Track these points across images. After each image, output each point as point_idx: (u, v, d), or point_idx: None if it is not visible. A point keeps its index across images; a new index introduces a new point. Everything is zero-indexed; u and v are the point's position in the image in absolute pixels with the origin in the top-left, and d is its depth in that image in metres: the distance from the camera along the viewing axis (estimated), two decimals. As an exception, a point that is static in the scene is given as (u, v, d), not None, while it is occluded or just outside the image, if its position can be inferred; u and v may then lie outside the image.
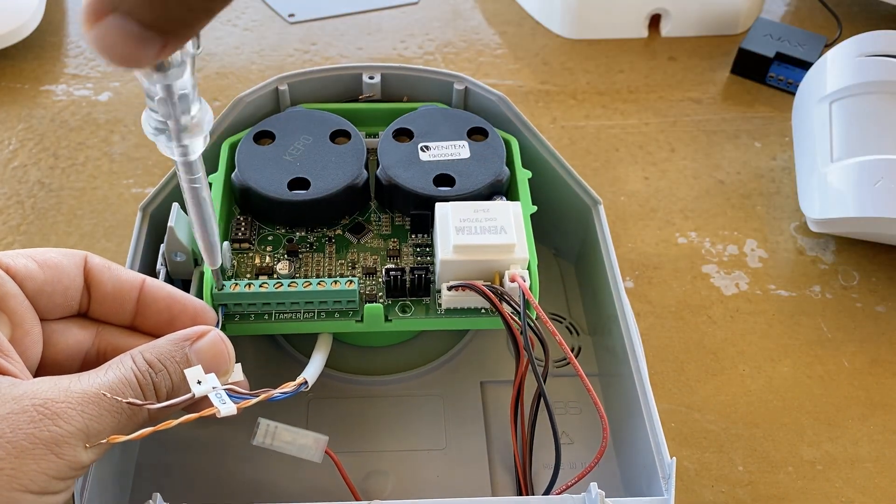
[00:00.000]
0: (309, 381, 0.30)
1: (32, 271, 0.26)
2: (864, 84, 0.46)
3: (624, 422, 0.34)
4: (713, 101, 0.55)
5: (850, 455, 0.37)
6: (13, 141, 0.49)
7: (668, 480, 0.29)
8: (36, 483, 0.22)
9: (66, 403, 0.23)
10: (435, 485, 0.34)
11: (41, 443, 0.22)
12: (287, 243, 0.35)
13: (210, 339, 0.26)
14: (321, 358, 0.32)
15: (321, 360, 0.32)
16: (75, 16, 0.58)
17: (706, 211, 0.48)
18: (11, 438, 0.22)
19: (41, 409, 0.22)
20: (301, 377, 0.30)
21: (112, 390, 0.24)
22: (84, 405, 0.23)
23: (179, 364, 0.25)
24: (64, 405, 0.23)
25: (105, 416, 0.23)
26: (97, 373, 0.24)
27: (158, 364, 0.25)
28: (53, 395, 0.23)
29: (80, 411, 0.23)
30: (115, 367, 0.25)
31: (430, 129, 0.37)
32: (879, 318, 0.43)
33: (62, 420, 0.22)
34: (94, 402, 0.23)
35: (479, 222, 0.31)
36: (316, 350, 0.33)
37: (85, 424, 0.23)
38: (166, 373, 0.25)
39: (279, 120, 0.37)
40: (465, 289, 0.31)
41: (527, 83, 0.55)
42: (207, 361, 0.26)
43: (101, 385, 0.24)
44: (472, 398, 0.37)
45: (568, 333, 0.40)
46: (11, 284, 0.25)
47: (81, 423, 0.23)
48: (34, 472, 0.22)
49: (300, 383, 0.29)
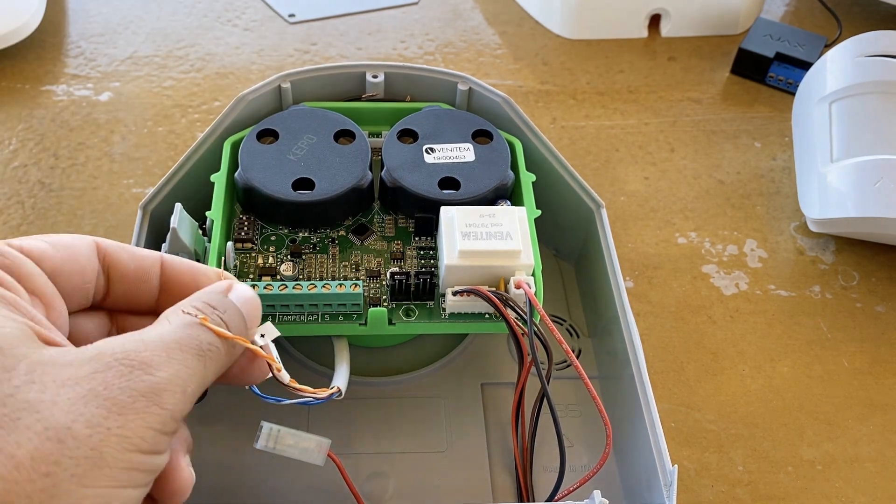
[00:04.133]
0: (342, 388, 0.31)
1: (46, 251, 0.24)
2: (864, 84, 0.46)
3: (624, 426, 0.34)
4: (713, 101, 0.55)
5: (850, 455, 0.37)
6: (13, 141, 0.49)
7: (669, 488, 0.29)
8: (145, 440, 0.20)
9: (149, 352, 0.21)
10: (436, 487, 0.34)
11: (140, 394, 0.20)
12: (290, 244, 0.35)
13: (244, 288, 0.26)
14: (345, 364, 0.33)
15: (346, 366, 0.33)
16: (75, 16, 0.58)
17: (706, 211, 0.48)
18: (108, 395, 0.20)
19: (127, 362, 0.21)
20: (334, 385, 0.30)
21: (184, 334, 0.22)
22: (169, 350, 0.22)
23: (230, 309, 0.25)
24: (148, 354, 0.21)
25: (190, 360, 0.22)
26: (160, 324, 0.23)
27: (219, 307, 0.24)
28: (133, 346, 0.21)
29: (166, 357, 0.21)
30: (175, 316, 0.23)
31: (435, 131, 0.37)
32: (879, 318, 0.43)
33: (153, 368, 0.21)
34: (176, 347, 0.22)
35: (485, 227, 0.31)
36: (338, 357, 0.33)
37: (176, 369, 0.21)
38: (229, 313, 0.24)
39: (282, 118, 0.37)
40: (470, 294, 0.31)
41: (527, 83, 0.55)
42: (247, 311, 0.25)
43: (174, 331, 0.22)
44: (472, 400, 0.37)
45: (568, 336, 0.40)
46: (31, 265, 0.23)
47: (174, 368, 0.21)
48: (142, 427, 0.20)
49: (334, 391, 0.30)
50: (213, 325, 0.23)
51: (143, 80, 0.54)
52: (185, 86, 0.53)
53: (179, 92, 0.53)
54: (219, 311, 0.24)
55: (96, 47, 0.56)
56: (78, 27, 0.57)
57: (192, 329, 0.23)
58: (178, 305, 0.24)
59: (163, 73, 0.54)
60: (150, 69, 0.54)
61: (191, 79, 0.54)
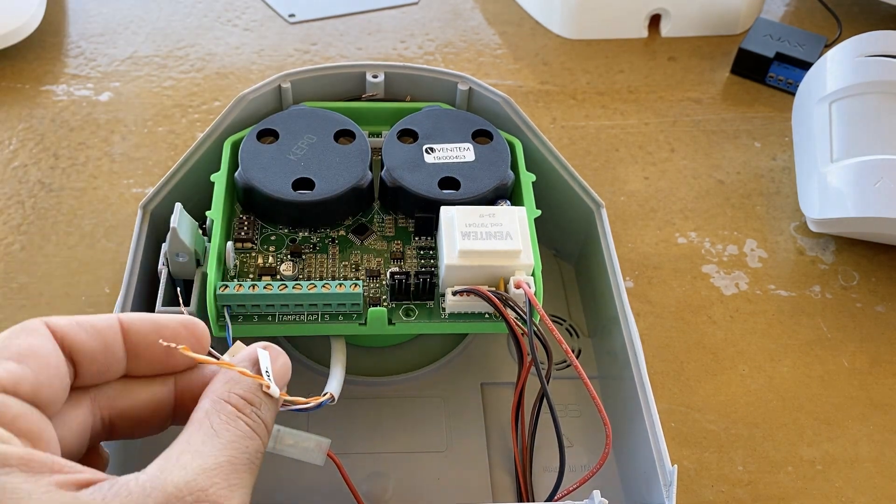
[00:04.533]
0: (335, 394, 0.30)
1: (18, 376, 0.21)
2: (864, 84, 0.46)
3: (624, 426, 0.34)
4: (713, 101, 0.55)
5: (849, 455, 0.37)
6: (13, 141, 0.49)
7: (669, 488, 0.29)
8: None
9: (214, 487, 0.21)
10: (435, 487, 0.34)
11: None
12: (290, 244, 0.35)
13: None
14: (340, 368, 0.32)
15: (341, 370, 0.32)
16: (75, 16, 0.58)
17: (706, 211, 0.48)
18: None
19: (192, 499, 0.20)
20: (326, 392, 0.30)
21: (236, 450, 0.22)
22: (229, 478, 0.21)
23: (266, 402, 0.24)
24: (214, 490, 0.21)
25: (247, 479, 0.22)
26: (208, 440, 0.22)
27: (255, 399, 0.24)
28: (193, 477, 0.21)
29: (227, 487, 0.21)
30: (223, 427, 0.22)
31: (435, 131, 0.37)
32: (879, 318, 0.43)
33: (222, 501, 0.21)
34: (233, 470, 0.21)
35: (485, 227, 0.31)
36: (333, 361, 0.33)
37: (241, 495, 0.21)
38: (264, 407, 0.24)
39: (282, 118, 0.37)
40: (470, 294, 0.31)
41: (527, 83, 0.55)
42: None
43: (228, 451, 0.22)
44: (472, 400, 0.37)
45: (568, 335, 0.40)
46: (12, 401, 0.21)
47: (238, 498, 0.21)
48: None
49: (326, 398, 0.29)
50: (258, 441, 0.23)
51: (143, 80, 0.54)
52: (185, 86, 0.53)
53: (179, 92, 0.53)
54: (258, 408, 0.24)
55: (96, 47, 0.56)
56: (78, 27, 0.57)
57: (244, 442, 0.22)
58: (217, 401, 0.23)
59: (163, 73, 0.54)
60: (150, 69, 0.54)
61: (191, 79, 0.54)
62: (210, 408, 0.23)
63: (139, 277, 0.35)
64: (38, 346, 0.22)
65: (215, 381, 0.24)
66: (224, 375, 0.24)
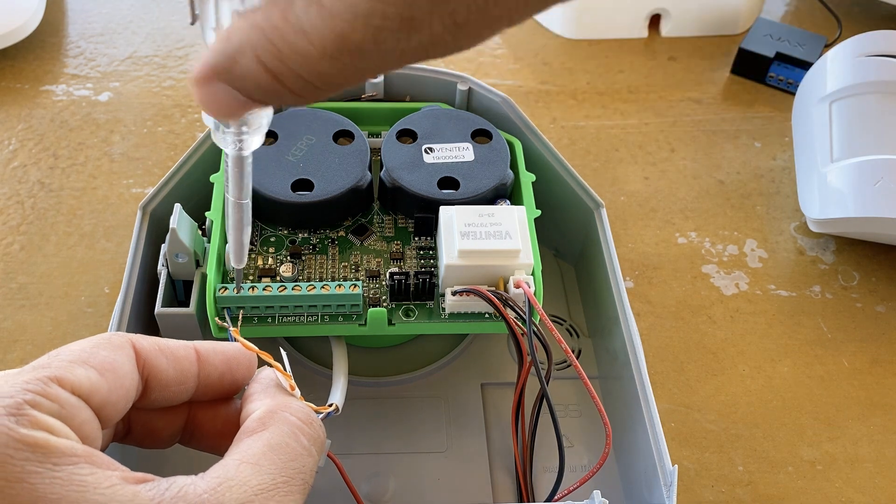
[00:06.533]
0: (339, 405, 0.30)
1: (95, 385, 0.22)
2: (864, 84, 0.46)
3: (624, 426, 0.34)
4: (713, 101, 0.55)
5: (850, 455, 0.37)
6: (13, 141, 0.49)
7: (670, 488, 0.29)
8: None
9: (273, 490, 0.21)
10: (436, 487, 0.34)
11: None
12: (290, 245, 0.35)
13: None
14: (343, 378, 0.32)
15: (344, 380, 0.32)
16: (75, 16, 0.58)
17: (706, 211, 0.48)
18: None
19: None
20: (331, 402, 0.30)
21: (293, 470, 0.22)
22: (282, 499, 0.21)
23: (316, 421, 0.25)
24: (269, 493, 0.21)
25: (300, 499, 0.22)
26: (269, 453, 0.22)
27: (313, 415, 0.24)
28: (251, 499, 0.21)
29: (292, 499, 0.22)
30: (283, 437, 0.23)
31: (434, 131, 0.37)
32: (879, 318, 0.43)
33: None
34: (287, 490, 0.22)
35: (484, 227, 0.31)
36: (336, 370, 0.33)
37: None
38: (314, 425, 0.24)
39: (281, 119, 0.37)
40: (470, 294, 0.31)
41: (527, 83, 0.55)
42: None
43: (285, 469, 0.22)
44: (472, 400, 0.37)
45: (568, 336, 0.40)
46: (84, 410, 0.21)
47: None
48: None
49: (330, 409, 0.29)
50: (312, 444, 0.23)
51: (142, 80, 0.54)
52: (185, 86, 0.53)
53: (179, 92, 0.53)
54: (315, 425, 0.24)
55: (96, 47, 0.56)
56: (78, 27, 0.57)
57: (302, 460, 0.23)
58: (275, 419, 0.23)
59: (163, 73, 0.54)
60: (149, 69, 0.54)
61: (190, 79, 0.54)
62: (268, 418, 0.23)
63: (139, 278, 0.35)
64: (120, 365, 0.23)
65: (262, 392, 0.25)
66: (270, 388, 0.25)
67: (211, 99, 0.20)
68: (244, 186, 0.26)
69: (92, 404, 0.21)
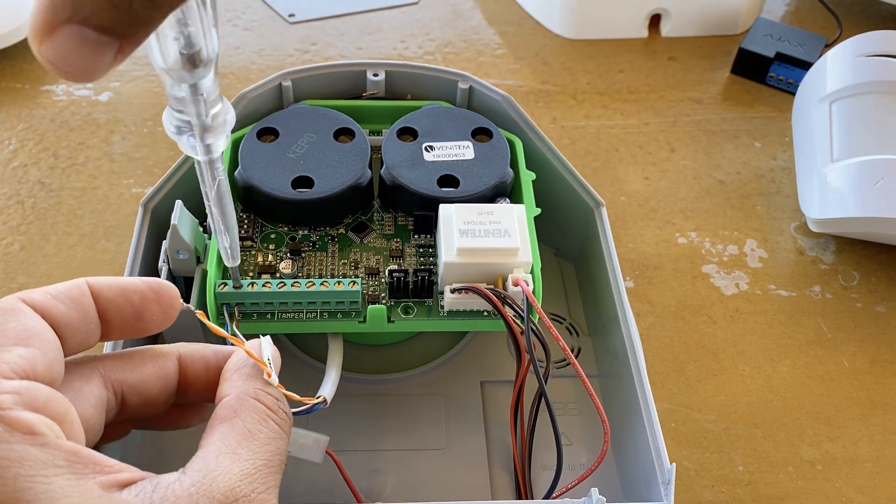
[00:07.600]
0: (328, 398, 0.30)
1: (28, 356, 0.21)
2: (864, 84, 0.46)
3: (623, 424, 0.34)
4: (713, 101, 0.55)
5: (850, 455, 0.37)
6: (13, 141, 0.49)
7: (667, 486, 0.29)
8: None
9: (255, 491, 0.22)
10: (434, 485, 0.34)
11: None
12: (290, 242, 0.35)
13: (274, 350, 0.26)
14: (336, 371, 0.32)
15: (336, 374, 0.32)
16: (75, 15, 0.58)
17: (706, 211, 0.48)
18: None
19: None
20: (320, 395, 0.30)
21: (270, 452, 0.23)
22: (265, 480, 0.22)
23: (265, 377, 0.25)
24: (255, 493, 0.22)
25: (278, 478, 0.23)
26: (244, 441, 0.23)
27: (280, 397, 0.25)
28: (237, 484, 0.21)
29: (265, 490, 0.22)
30: (256, 423, 0.23)
31: (434, 129, 0.37)
32: (879, 318, 0.43)
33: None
34: (268, 472, 0.22)
35: (483, 225, 0.31)
36: (329, 364, 0.33)
37: (276, 496, 0.23)
38: (282, 402, 0.25)
39: (282, 116, 0.37)
40: (469, 292, 0.31)
41: (527, 83, 0.55)
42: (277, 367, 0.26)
43: (262, 454, 0.23)
44: (472, 398, 0.37)
45: (568, 334, 0.40)
46: (39, 386, 0.21)
47: (275, 499, 0.22)
48: None
49: (319, 401, 0.29)
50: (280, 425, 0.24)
51: (142, 80, 0.54)
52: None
53: (179, 92, 0.53)
54: (284, 406, 0.25)
55: (97, 47, 0.56)
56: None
57: (276, 443, 0.23)
58: (246, 405, 0.24)
59: (163, 73, 0.54)
60: (149, 69, 0.54)
61: (191, 78, 0.54)
62: (238, 405, 0.24)
63: (140, 274, 0.35)
64: (32, 326, 0.22)
65: (234, 375, 0.25)
66: (242, 371, 0.25)
67: (63, 52, 0.17)
68: (222, 187, 0.26)
69: (40, 377, 0.21)
